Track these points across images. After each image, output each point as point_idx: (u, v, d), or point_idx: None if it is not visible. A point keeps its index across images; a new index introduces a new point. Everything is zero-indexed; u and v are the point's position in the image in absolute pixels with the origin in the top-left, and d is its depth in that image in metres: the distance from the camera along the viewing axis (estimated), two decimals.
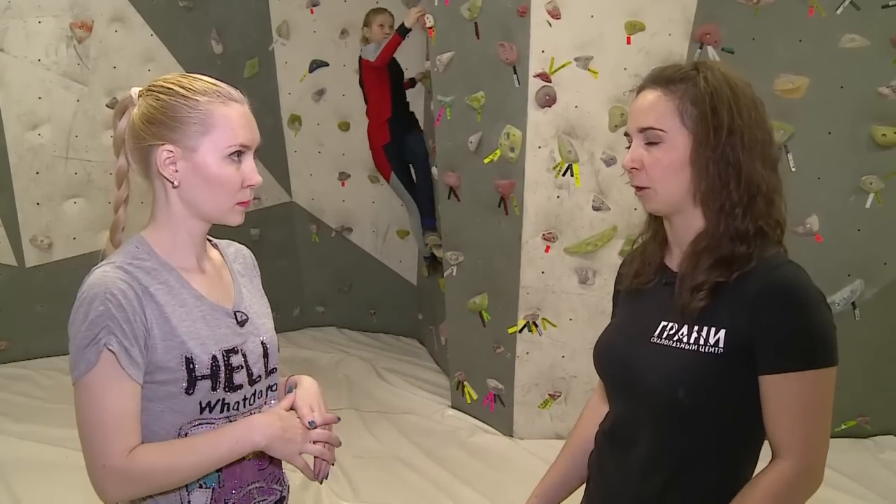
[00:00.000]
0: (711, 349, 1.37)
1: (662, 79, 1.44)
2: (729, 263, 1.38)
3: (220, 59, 5.44)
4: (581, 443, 1.67)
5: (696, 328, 1.39)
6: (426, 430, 4.33)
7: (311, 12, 5.63)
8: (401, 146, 5.09)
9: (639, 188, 1.46)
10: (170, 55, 5.21)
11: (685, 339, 1.40)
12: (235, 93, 1.46)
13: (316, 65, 5.69)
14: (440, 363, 5.21)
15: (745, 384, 1.36)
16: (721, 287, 1.38)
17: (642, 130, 1.43)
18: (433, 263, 5.08)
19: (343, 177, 5.86)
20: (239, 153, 1.42)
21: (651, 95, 1.44)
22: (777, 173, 1.44)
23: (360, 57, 5.10)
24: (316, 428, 1.45)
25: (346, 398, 4.70)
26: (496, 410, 4.30)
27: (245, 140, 1.43)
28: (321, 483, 1.52)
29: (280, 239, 5.88)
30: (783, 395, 1.33)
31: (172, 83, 1.44)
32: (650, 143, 1.43)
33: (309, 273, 6.04)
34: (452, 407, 4.57)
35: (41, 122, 5.02)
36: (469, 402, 4.45)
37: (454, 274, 4.42)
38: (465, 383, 4.47)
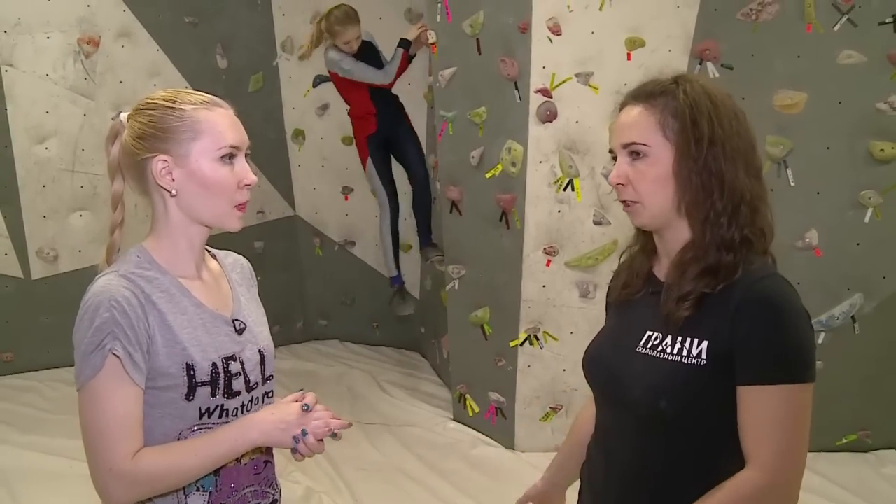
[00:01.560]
0: (694, 360, 1.37)
1: (643, 94, 1.46)
2: (715, 273, 1.39)
3: (224, 73, 5.50)
4: (581, 433, 1.72)
5: (679, 339, 1.40)
6: (428, 442, 4.34)
7: None
8: (388, 137, 5.02)
9: (627, 203, 1.47)
10: (175, 70, 5.27)
11: (668, 350, 1.40)
12: (220, 101, 1.51)
13: (320, 80, 5.71)
14: (442, 376, 5.23)
15: (729, 396, 1.36)
16: (706, 298, 1.39)
17: (626, 146, 1.45)
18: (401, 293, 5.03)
19: (346, 191, 5.89)
20: (231, 155, 1.46)
21: (633, 111, 1.46)
22: (762, 181, 1.45)
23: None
24: (310, 411, 1.46)
25: (348, 411, 4.71)
26: (498, 423, 4.32)
27: (234, 141, 1.47)
28: (338, 437, 1.50)
29: (283, 252, 5.91)
30: (757, 407, 1.33)
31: (157, 99, 1.49)
32: (635, 158, 1.44)
33: (312, 286, 6.06)
34: (454, 420, 4.59)
35: (48, 135, 5.08)
36: (471, 414, 4.47)
37: (456, 287, 4.45)
38: (467, 396, 4.49)
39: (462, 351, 4.51)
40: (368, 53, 5.01)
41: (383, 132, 5.03)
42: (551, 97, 3.90)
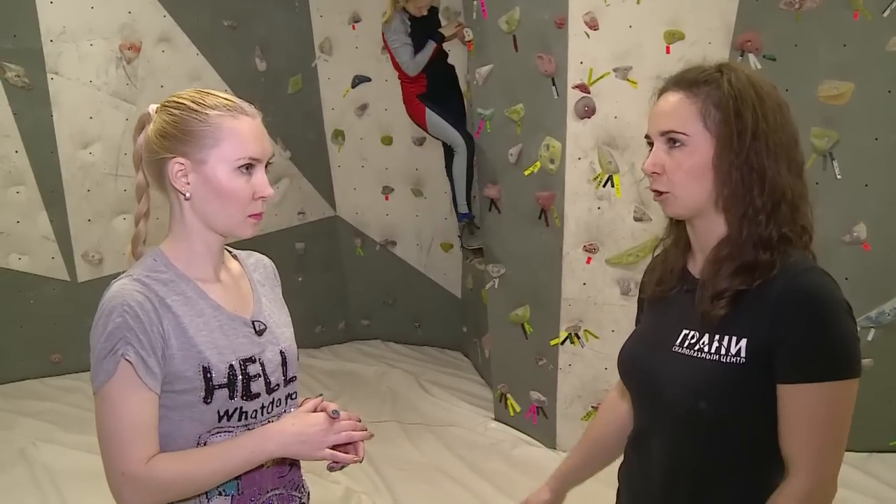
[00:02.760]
0: (733, 359, 1.32)
1: (685, 81, 1.40)
2: (751, 270, 1.34)
3: (263, 76, 5.54)
4: (597, 433, 1.74)
5: (717, 337, 1.35)
6: (469, 442, 4.33)
7: (353, 28, 5.70)
8: (438, 100, 4.81)
9: (658, 193, 1.43)
10: (215, 73, 5.33)
11: (706, 349, 1.36)
12: (248, 107, 1.48)
13: (358, 80, 5.74)
14: (484, 376, 5.20)
15: (769, 394, 1.32)
16: (743, 295, 1.34)
17: (664, 134, 1.40)
18: (470, 227, 4.77)
19: (387, 191, 5.90)
20: (249, 166, 1.44)
21: (673, 98, 1.40)
22: (803, 178, 1.39)
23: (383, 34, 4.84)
24: (340, 419, 1.45)
25: (389, 411, 4.72)
26: (539, 423, 4.28)
27: (254, 153, 1.45)
28: (362, 459, 1.51)
29: (325, 253, 5.95)
30: (799, 405, 1.29)
31: (185, 98, 1.47)
32: (672, 147, 1.39)
33: (354, 286, 6.08)
34: (495, 419, 4.56)
35: (92, 140, 5.17)
36: (512, 414, 4.44)
37: (496, 286, 4.42)
38: (508, 395, 4.46)
39: (503, 350, 4.48)
40: (431, 20, 4.86)
41: (434, 94, 4.82)
42: (589, 93, 3.85)
